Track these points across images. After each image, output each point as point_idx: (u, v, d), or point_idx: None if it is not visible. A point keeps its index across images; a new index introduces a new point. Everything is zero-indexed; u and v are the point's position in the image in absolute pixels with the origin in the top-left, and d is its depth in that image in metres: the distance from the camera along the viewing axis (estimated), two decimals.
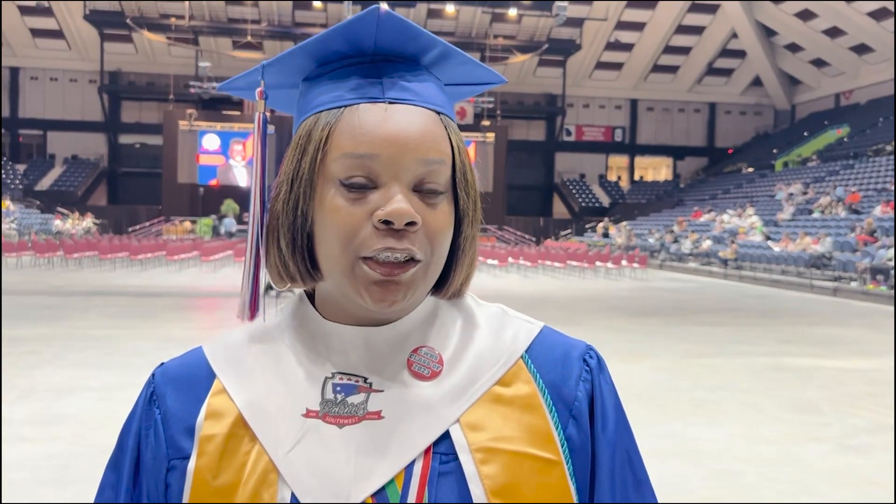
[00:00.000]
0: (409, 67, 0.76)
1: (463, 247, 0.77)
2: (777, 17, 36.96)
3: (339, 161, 0.71)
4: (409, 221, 0.69)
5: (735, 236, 25.63)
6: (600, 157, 44.55)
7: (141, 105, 40.53)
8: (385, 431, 0.72)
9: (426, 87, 0.76)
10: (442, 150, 0.73)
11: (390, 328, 0.76)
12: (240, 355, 0.78)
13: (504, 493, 0.70)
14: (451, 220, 0.74)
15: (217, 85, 1.07)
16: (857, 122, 35.04)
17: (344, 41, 0.75)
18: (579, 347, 0.80)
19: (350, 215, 0.70)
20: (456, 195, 0.75)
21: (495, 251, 24.33)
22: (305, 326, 0.78)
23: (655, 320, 12.32)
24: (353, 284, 0.71)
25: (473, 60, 0.80)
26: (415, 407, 0.73)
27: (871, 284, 16.86)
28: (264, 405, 0.74)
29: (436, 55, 0.77)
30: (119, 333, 9.51)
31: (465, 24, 38.24)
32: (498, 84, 0.85)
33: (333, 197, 0.71)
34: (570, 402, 0.76)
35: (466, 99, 0.89)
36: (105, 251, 21.72)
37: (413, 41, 0.75)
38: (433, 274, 0.74)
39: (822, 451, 5.33)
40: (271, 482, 0.70)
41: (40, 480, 4.33)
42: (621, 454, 0.78)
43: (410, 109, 0.73)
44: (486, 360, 0.77)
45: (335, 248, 0.71)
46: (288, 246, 0.74)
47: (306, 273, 0.75)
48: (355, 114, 0.72)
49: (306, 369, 0.75)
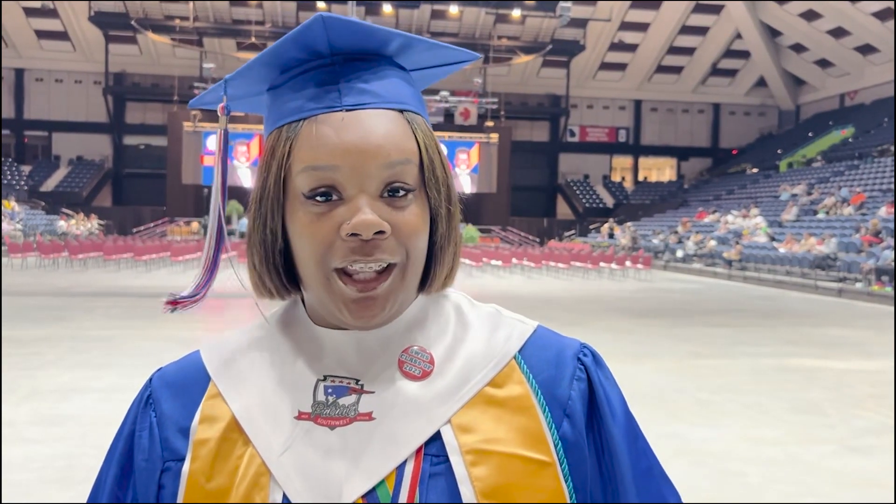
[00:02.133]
0: (369, 66, 0.75)
1: (440, 243, 0.76)
2: (781, 17, 36.88)
3: (302, 175, 0.71)
4: (377, 231, 0.69)
5: (739, 237, 25.59)
6: (604, 158, 44.50)
7: (145, 106, 40.60)
8: (376, 432, 0.72)
9: (387, 85, 0.75)
10: (405, 149, 0.72)
11: (381, 330, 0.76)
12: (234, 359, 0.79)
13: (494, 494, 0.70)
14: (423, 220, 0.73)
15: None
16: (862, 123, 34.93)
17: (298, 48, 0.75)
18: (573, 346, 0.80)
19: (319, 230, 0.70)
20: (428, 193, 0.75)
21: (499, 252, 24.31)
22: (297, 330, 0.79)
23: (659, 321, 12.30)
24: (332, 300, 0.72)
25: (439, 44, 0.78)
26: (406, 408, 0.73)
27: (876, 285, 16.81)
28: (257, 408, 0.75)
29: (397, 47, 0.77)
30: (123, 334, 9.52)
31: (468, 26, 38.23)
32: (471, 61, 0.83)
33: (300, 213, 0.71)
34: (563, 402, 0.76)
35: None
36: (110, 252, 21.77)
37: (369, 37, 0.75)
38: (412, 276, 0.74)
39: (826, 452, 5.31)
40: (263, 485, 0.71)
41: (44, 481, 4.35)
42: (636, 443, 0.78)
43: (369, 114, 0.72)
44: (478, 360, 0.77)
45: (310, 263, 0.71)
46: (261, 263, 0.75)
47: (282, 288, 0.77)
48: (314, 126, 0.72)
49: (298, 372, 0.76)
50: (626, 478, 0.76)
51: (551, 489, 0.72)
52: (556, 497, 0.72)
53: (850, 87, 38.65)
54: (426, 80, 0.82)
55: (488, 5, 35.52)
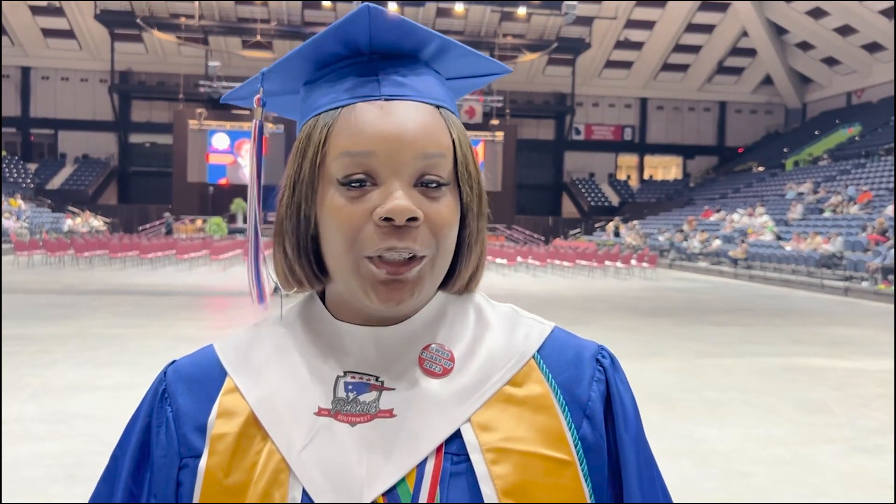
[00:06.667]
0: (406, 63, 0.76)
1: (469, 241, 0.77)
2: (788, 15, 36.77)
3: (338, 160, 0.71)
4: (410, 217, 0.69)
5: (745, 236, 25.52)
6: (610, 156, 44.44)
7: (151, 104, 40.72)
8: (397, 430, 0.72)
9: (424, 82, 0.76)
10: (441, 142, 0.73)
11: (401, 326, 0.75)
12: (251, 354, 0.79)
13: (515, 493, 0.70)
14: (455, 214, 0.74)
15: (225, 85, 1.08)
16: (869, 121, 34.81)
17: (338, 42, 0.75)
18: (591, 348, 0.80)
19: (351, 214, 0.70)
20: (460, 189, 0.75)
21: (504, 250, 24.30)
22: (316, 325, 0.78)
23: (665, 320, 12.28)
24: (360, 284, 0.71)
25: (474, 52, 0.79)
26: (426, 405, 0.73)
27: (883, 284, 16.75)
28: (276, 404, 0.74)
29: (434, 49, 0.77)
30: (130, 332, 9.55)
31: (474, 23, 38.21)
32: (502, 74, 0.84)
33: (334, 197, 0.71)
34: (583, 403, 0.76)
35: (475, 92, 0.89)
36: (115, 250, 21.82)
37: (409, 36, 0.75)
38: (440, 268, 0.74)
39: (833, 452, 5.30)
40: (282, 482, 0.71)
41: (53, 478, 4.37)
42: (644, 453, 0.78)
43: (408, 105, 0.73)
44: (498, 359, 0.76)
45: (339, 248, 0.71)
46: (293, 250, 0.75)
47: (312, 276, 0.76)
48: (352, 113, 0.72)
49: (318, 368, 0.75)
50: (632, 485, 0.76)
51: (572, 488, 0.72)
52: (577, 496, 0.72)
53: (857, 85, 38.51)
54: (457, 92, 0.83)
55: (494, 3, 35.50)
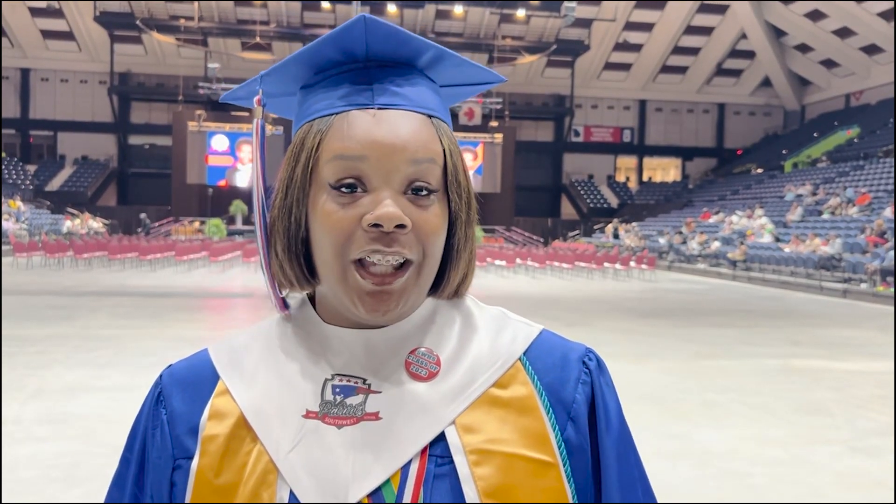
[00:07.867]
0: (401, 72, 0.77)
1: (457, 247, 0.78)
2: (786, 17, 36.80)
3: (330, 164, 0.73)
4: (398, 224, 0.70)
5: (744, 237, 25.53)
6: (609, 158, 44.47)
7: (150, 106, 40.72)
8: (382, 432, 0.73)
9: (417, 91, 0.77)
10: (431, 149, 0.74)
11: (389, 330, 0.77)
12: (243, 357, 0.80)
13: (498, 494, 0.70)
14: (443, 222, 0.75)
15: (224, 87, 1.09)
16: (868, 123, 34.83)
17: (335, 49, 0.77)
18: (578, 350, 0.80)
19: (341, 220, 0.71)
20: (448, 197, 0.76)
21: (503, 252, 24.31)
22: (306, 328, 0.79)
23: (664, 322, 12.28)
24: (347, 293, 0.73)
25: (469, 62, 0.80)
26: (412, 408, 0.74)
27: (881, 286, 16.76)
28: (266, 406, 0.76)
29: (429, 58, 0.79)
30: (128, 334, 9.55)
31: (473, 25, 38.24)
32: (497, 83, 0.85)
33: (325, 202, 0.72)
34: (568, 405, 0.77)
35: (473, 98, 0.91)
36: (114, 251, 21.82)
37: (404, 45, 0.77)
38: (427, 276, 0.75)
39: (832, 453, 5.30)
40: (270, 482, 0.72)
41: (50, 479, 4.36)
42: (626, 455, 0.78)
43: (399, 114, 0.74)
44: (484, 361, 0.77)
45: (328, 252, 0.72)
46: (284, 251, 0.76)
47: (302, 278, 0.77)
48: (345, 119, 0.74)
49: (307, 371, 0.76)
50: (611, 486, 0.77)
51: (554, 490, 0.73)
52: (559, 498, 0.73)
53: (856, 87, 38.55)
54: (451, 99, 0.85)
55: (493, 5, 35.52)
